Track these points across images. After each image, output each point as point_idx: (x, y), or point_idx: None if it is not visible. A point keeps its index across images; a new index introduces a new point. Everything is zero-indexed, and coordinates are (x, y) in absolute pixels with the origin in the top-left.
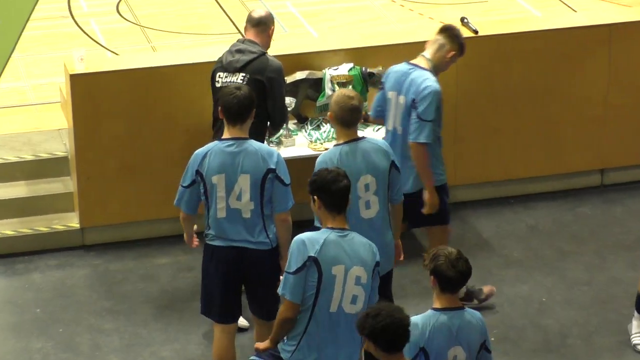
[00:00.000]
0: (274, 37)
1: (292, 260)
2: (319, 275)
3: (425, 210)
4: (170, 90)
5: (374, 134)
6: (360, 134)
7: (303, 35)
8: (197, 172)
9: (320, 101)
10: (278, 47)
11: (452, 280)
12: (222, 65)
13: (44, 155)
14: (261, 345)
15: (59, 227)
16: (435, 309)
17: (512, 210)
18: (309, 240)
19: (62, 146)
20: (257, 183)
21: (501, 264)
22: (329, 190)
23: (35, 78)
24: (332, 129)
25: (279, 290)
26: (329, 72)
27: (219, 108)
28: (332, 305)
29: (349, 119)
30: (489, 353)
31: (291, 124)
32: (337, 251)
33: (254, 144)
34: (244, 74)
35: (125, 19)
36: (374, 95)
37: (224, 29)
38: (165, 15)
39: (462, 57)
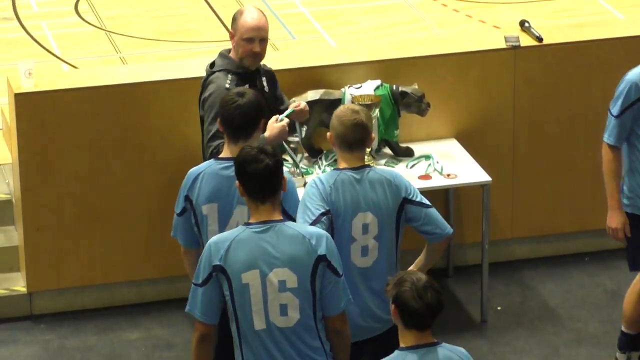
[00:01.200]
0: (279, 45)
1: (200, 269)
2: (229, 286)
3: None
4: (146, 114)
5: (407, 172)
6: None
7: (316, 44)
8: (187, 198)
9: None
10: (284, 58)
11: (417, 313)
12: None
13: None
14: None
15: (0, 292)
16: (401, 349)
17: (586, 272)
18: (216, 244)
19: (4, 186)
20: None
21: (572, 341)
22: (245, 173)
23: None
24: None
25: (186, 308)
26: (349, 92)
27: (218, 120)
28: (256, 323)
29: (351, 139)
30: None
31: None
32: (250, 253)
33: None
34: None
35: (87, 21)
36: (406, 121)
37: (214, 34)
38: (138, 17)
39: (522, 72)
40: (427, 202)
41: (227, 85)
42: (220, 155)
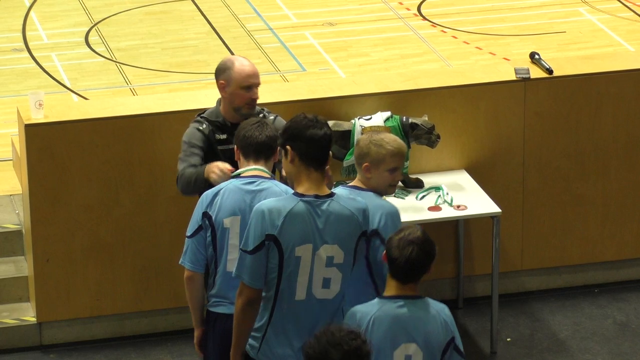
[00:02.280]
0: (288, 76)
1: (250, 236)
2: (279, 256)
3: None
4: (156, 145)
5: (417, 203)
6: (399, 202)
7: (326, 75)
8: (205, 215)
9: (348, 160)
10: (294, 89)
11: (395, 262)
12: None
13: None
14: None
15: (10, 322)
16: (382, 297)
17: (595, 304)
18: (270, 212)
19: (14, 217)
20: None
21: None
22: (303, 136)
23: None
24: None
25: (234, 272)
26: (359, 123)
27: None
28: (299, 293)
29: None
30: (461, 356)
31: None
32: (305, 225)
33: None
34: None
35: (97, 53)
36: (417, 152)
37: None
38: (148, 49)
39: (532, 104)
40: None
41: (200, 128)
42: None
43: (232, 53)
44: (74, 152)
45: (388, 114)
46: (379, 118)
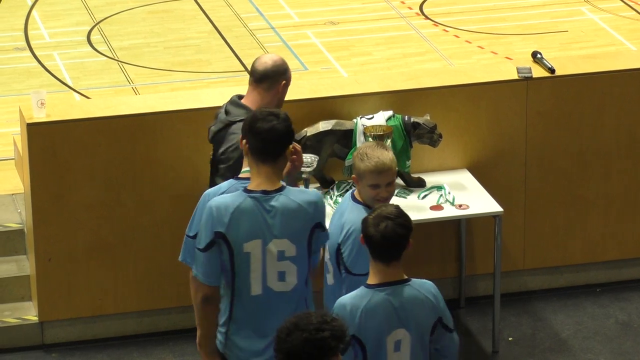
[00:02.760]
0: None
1: (202, 234)
2: (229, 253)
3: None
4: (158, 144)
5: (419, 202)
6: (401, 201)
7: (328, 74)
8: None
9: (350, 159)
10: (296, 89)
11: (371, 240)
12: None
13: None
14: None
15: (12, 321)
16: (368, 286)
17: (597, 303)
18: (218, 210)
19: (16, 216)
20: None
21: None
22: (252, 130)
23: None
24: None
25: (193, 272)
26: (361, 122)
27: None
28: (254, 287)
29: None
30: (449, 332)
31: (312, 189)
32: (253, 221)
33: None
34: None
35: (99, 52)
36: (418, 152)
37: (226, 65)
38: (150, 48)
39: (534, 103)
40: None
41: None
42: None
43: (234, 52)
44: (76, 151)
45: (390, 113)
46: (381, 117)
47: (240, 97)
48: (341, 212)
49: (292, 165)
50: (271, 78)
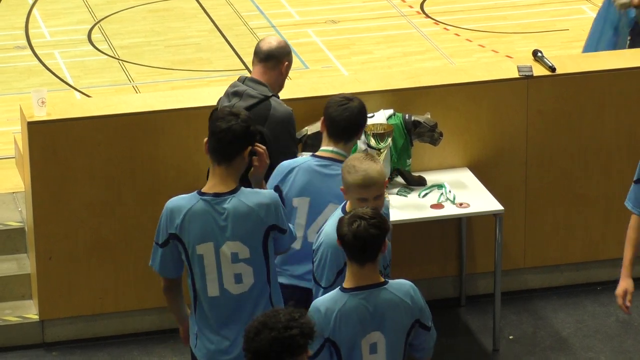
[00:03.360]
0: (291, 74)
1: (159, 230)
2: (185, 254)
3: None
4: (158, 143)
5: (419, 201)
6: (401, 200)
7: (329, 73)
8: (277, 188)
9: None
10: (296, 87)
11: (344, 239)
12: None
13: None
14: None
15: (12, 319)
16: (344, 289)
17: (598, 301)
18: (172, 211)
19: (16, 214)
20: None
21: None
22: (209, 129)
23: None
24: None
25: (150, 262)
26: None
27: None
28: (210, 289)
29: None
30: (427, 330)
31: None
32: (204, 224)
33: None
34: None
35: (100, 50)
36: (419, 150)
37: (227, 64)
38: (151, 46)
39: (535, 102)
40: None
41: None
42: (317, 153)
43: (234, 51)
44: (77, 150)
45: (390, 111)
46: (381, 116)
47: (243, 79)
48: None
49: (255, 167)
50: (276, 57)
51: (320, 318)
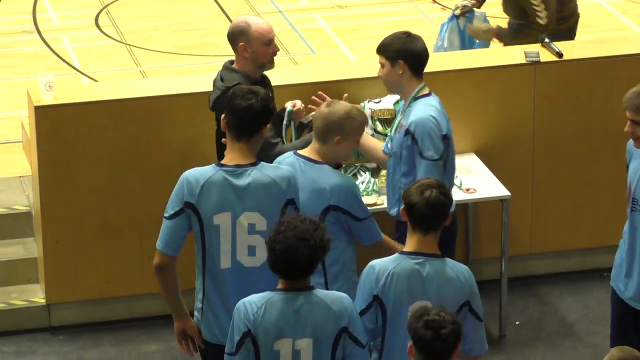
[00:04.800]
0: (298, 59)
1: (170, 202)
2: (200, 225)
3: None
4: (165, 127)
5: None
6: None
7: (336, 58)
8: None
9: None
10: (303, 72)
11: (416, 207)
12: None
13: (0, 210)
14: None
15: (19, 303)
16: (402, 252)
17: (605, 287)
18: (189, 181)
19: (23, 198)
20: None
21: (590, 356)
22: (229, 107)
23: None
24: (373, 179)
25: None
26: (368, 106)
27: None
28: (223, 261)
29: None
30: (478, 319)
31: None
32: (222, 194)
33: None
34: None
35: (107, 35)
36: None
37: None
38: (158, 31)
39: (542, 87)
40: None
41: None
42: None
43: None
44: (84, 134)
45: (397, 97)
46: (388, 101)
47: (232, 62)
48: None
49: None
50: (232, 41)
51: (372, 275)
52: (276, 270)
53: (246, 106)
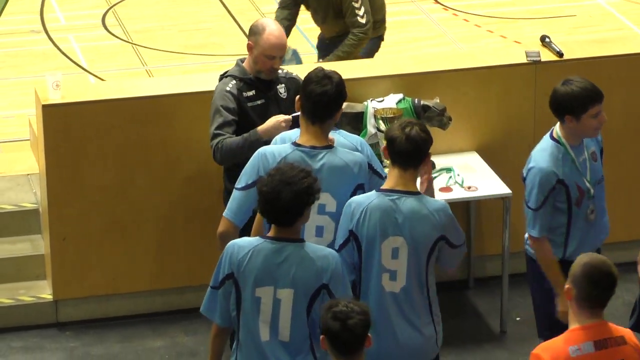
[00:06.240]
0: (303, 59)
1: (244, 174)
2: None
3: None
4: (170, 125)
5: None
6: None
7: None
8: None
9: None
10: (309, 71)
11: (397, 142)
12: None
13: (8, 208)
14: None
15: (26, 299)
16: (379, 189)
17: None
18: (266, 157)
19: (31, 196)
20: None
21: None
22: (304, 91)
23: None
24: None
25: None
26: (372, 105)
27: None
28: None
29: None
30: (452, 247)
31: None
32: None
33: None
34: None
35: (114, 35)
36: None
37: (239, 48)
38: (164, 31)
39: (543, 86)
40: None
41: (228, 89)
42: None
43: (246, 36)
44: (91, 133)
45: (400, 96)
46: (391, 100)
47: (243, 60)
48: None
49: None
50: (248, 38)
51: (348, 211)
52: (262, 213)
53: (321, 92)
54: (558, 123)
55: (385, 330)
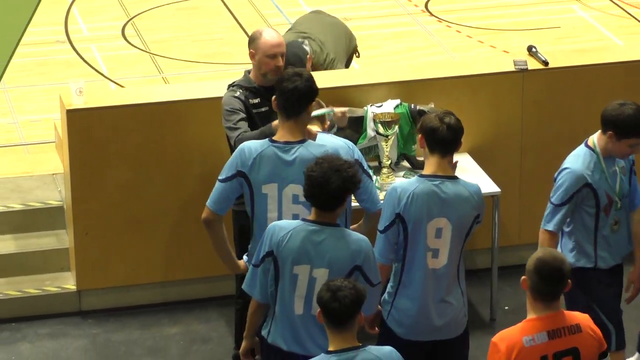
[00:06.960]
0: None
1: (226, 168)
2: (250, 191)
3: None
4: (186, 129)
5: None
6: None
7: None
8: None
9: (361, 143)
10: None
11: (438, 132)
12: None
13: (35, 205)
14: None
15: (52, 290)
16: (421, 175)
17: None
18: (243, 152)
19: (56, 194)
20: None
21: None
22: (277, 88)
23: (25, 114)
24: (375, 176)
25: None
26: (371, 110)
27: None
28: (270, 222)
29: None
30: (479, 224)
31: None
32: (272, 166)
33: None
34: None
35: (132, 45)
36: None
37: (248, 57)
38: (179, 41)
39: (530, 93)
40: None
41: (236, 95)
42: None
43: None
44: (111, 135)
45: (397, 101)
46: (389, 105)
47: (250, 71)
48: None
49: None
50: (248, 48)
51: (394, 196)
52: (309, 197)
53: (292, 88)
54: (598, 132)
55: (425, 302)
